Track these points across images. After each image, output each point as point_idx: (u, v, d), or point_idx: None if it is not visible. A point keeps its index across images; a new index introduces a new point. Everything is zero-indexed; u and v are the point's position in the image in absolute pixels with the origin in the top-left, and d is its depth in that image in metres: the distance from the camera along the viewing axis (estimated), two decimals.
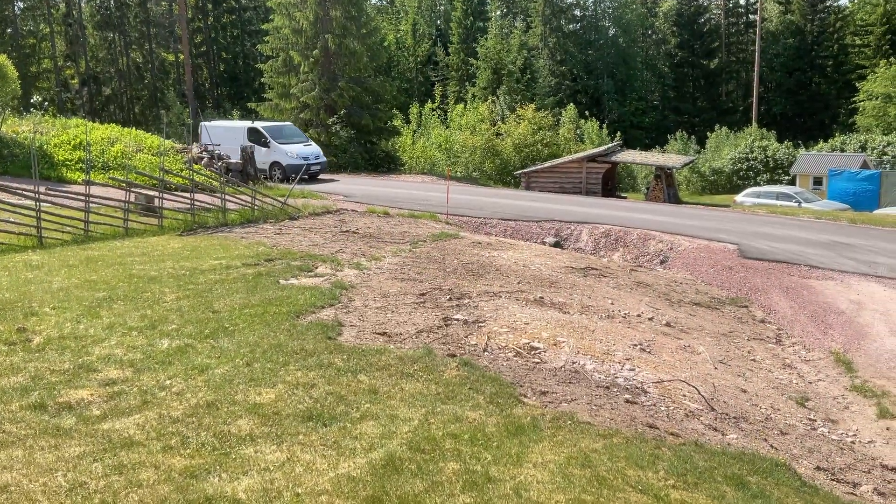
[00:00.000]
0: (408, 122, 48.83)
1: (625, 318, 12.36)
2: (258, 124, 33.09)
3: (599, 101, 68.77)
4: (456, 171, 40.28)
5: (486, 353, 8.74)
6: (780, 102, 68.55)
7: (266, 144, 31.53)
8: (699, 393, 8.40)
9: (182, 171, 24.43)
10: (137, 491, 4.86)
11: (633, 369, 9.14)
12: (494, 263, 15.16)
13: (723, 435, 7.20)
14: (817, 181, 39.67)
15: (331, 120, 37.99)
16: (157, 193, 18.54)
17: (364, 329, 9.14)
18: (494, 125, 42.61)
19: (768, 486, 5.75)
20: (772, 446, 7.39)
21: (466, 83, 60.66)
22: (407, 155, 42.91)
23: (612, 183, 38.27)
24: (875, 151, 43.06)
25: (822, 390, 10.69)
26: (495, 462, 5.41)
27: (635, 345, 10.51)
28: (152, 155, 29.98)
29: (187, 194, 18.79)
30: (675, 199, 35.96)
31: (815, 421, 9.26)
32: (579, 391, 7.62)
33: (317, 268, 12.92)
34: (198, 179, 20.67)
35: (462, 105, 49.44)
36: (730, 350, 11.75)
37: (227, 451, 5.46)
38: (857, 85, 55.62)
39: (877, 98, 51.87)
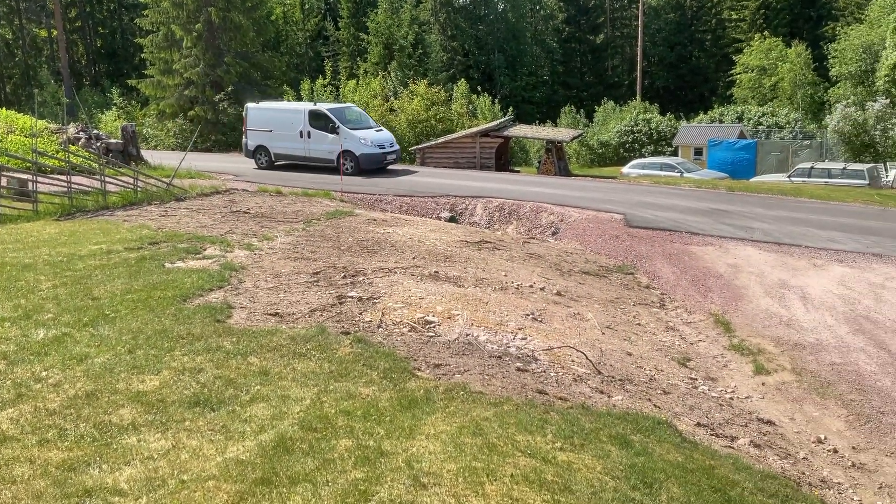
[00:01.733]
0: (300, 98, 47.86)
1: (518, 289, 12.60)
2: (322, 106, 28.02)
3: (491, 76, 69.39)
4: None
5: (380, 330, 8.73)
6: (662, 76, 71.04)
7: (334, 130, 26.65)
8: (587, 358, 8.68)
9: (58, 152, 23.13)
10: (11, 487, 4.62)
11: (525, 338, 9.34)
12: (390, 240, 15.13)
13: (609, 397, 7.47)
14: (698, 152, 41.41)
15: (218, 97, 36.80)
16: (30, 177, 17.50)
17: (255, 311, 8.95)
18: (387, 101, 42.31)
19: (650, 444, 6.00)
20: (655, 405, 7.72)
21: (358, 58, 59.92)
22: None
23: (506, 157, 38.76)
24: (751, 122, 45.26)
25: (703, 350, 11.23)
26: (388, 436, 5.43)
27: (527, 314, 10.74)
28: (25, 136, 28.26)
29: (64, 177, 17.82)
30: (565, 171, 36.77)
31: (696, 380, 9.72)
32: (472, 362, 7.73)
33: (205, 250, 12.54)
34: (75, 161, 19.63)
35: (354, 81, 48.77)
36: (617, 316, 12.17)
37: (107, 441, 5.26)
38: (734, 58, 58.19)
39: (752, 71, 54.46)
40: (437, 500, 4.47)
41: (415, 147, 37.09)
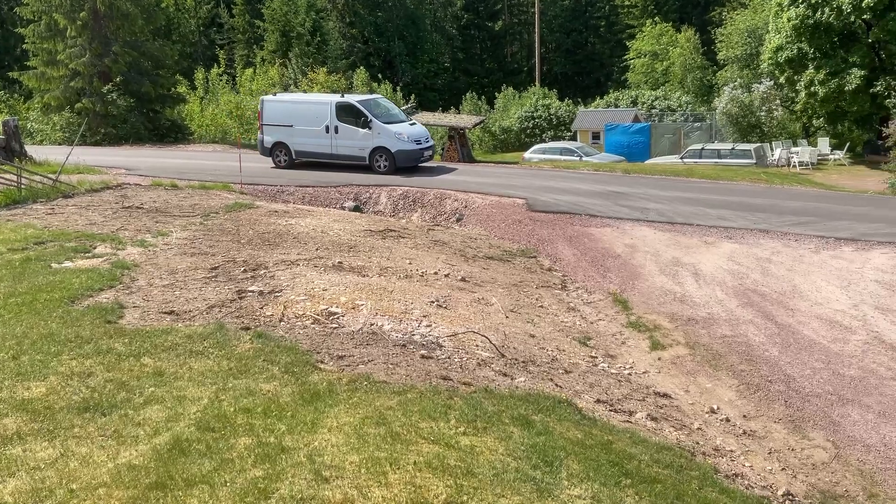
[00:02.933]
0: (194, 88, 46.40)
1: (422, 276, 12.62)
2: (352, 98, 25.28)
3: (392, 63, 69.08)
4: (249, 139, 38.93)
5: (282, 323, 8.58)
6: (560, 62, 72.42)
7: (366, 125, 23.95)
8: (490, 342, 8.78)
9: None
10: None
11: (430, 325, 9.37)
12: (292, 231, 14.88)
13: (512, 379, 7.58)
14: (595, 136, 42.48)
15: (106, 88, 35.19)
16: None
17: (149, 309, 8.64)
18: (287, 89, 41.52)
19: (551, 423, 6.13)
20: (557, 385, 7.88)
21: (254, 46, 58.54)
22: (196, 123, 40.83)
23: None
24: (645, 106, 46.71)
25: (603, 329, 11.54)
26: (290, 432, 5.34)
27: (432, 301, 10.77)
28: None
29: None
30: (468, 158, 37.00)
31: (597, 358, 9.99)
32: (377, 352, 7.70)
33: (95, 248, 12.01)
34: None
35: (251, 69, 47.65)
36: (520, 299, 12.36)
37: None
38: (628, 44, 59.86)
39: (645, 56, 56.17)
40: (339, 493, 4.43)
41: None
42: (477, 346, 8.75)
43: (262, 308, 9.05)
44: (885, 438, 7.57)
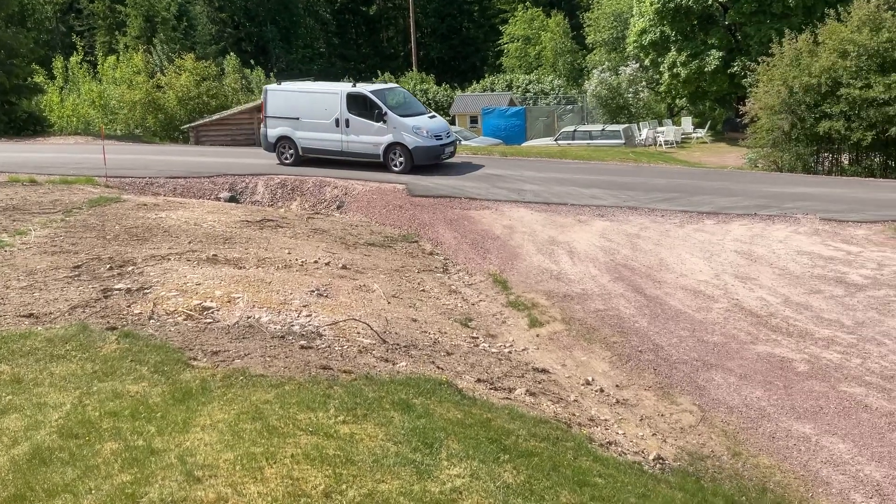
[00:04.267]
0: (52, 78, 43.67)
1: (302, 265, 12.42)
2: (364, 88, 22.56)
3: (265, 48, 67.39)
4: (114, 130, 37.09)
5: (152, 321, 8.24)
6: (436, 47, 72.69)
7: (380, 118, 21.33)
8: (372, 328, 8.75)
9: None
10: None
11: (310, 315, 9.24)
12: (163, 225, 14.30)
13: (393, 364, 7.59)
14: (473, 120, 42.98)
15: None
16: None
17: (4, 313, 8.10)
18: (153, 77, 39.75)
19: (432, 405, 6.18)
20: (438, 367, 7.95)
21: (117, 32, 55.65)
22: (56, 115, 38.47)
23: None
24: (519, 89, 47.61)
25: (484, 309, 11.73)
26: (160, 433, 5.14)
27: (312, 291, 10.63)
28: None
29: None
30: None
31: (478, 338, 10.14)
32: (253, 345, 7.52)
33: None
34: None
35: (114, 57, 45.26)
36: (402, 284, 12.38)
37: None
38: (501, 28, 60.77)
39: (518, 40, 57.21)
40: (212, 493, 4.30)
41: (187, 125, 35.30)
42: (358, 333, 8.70)
43: (129, 306, 8.66)
44: (746, 399, 8.06)
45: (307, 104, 22.50)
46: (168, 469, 4.59)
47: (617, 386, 8.71)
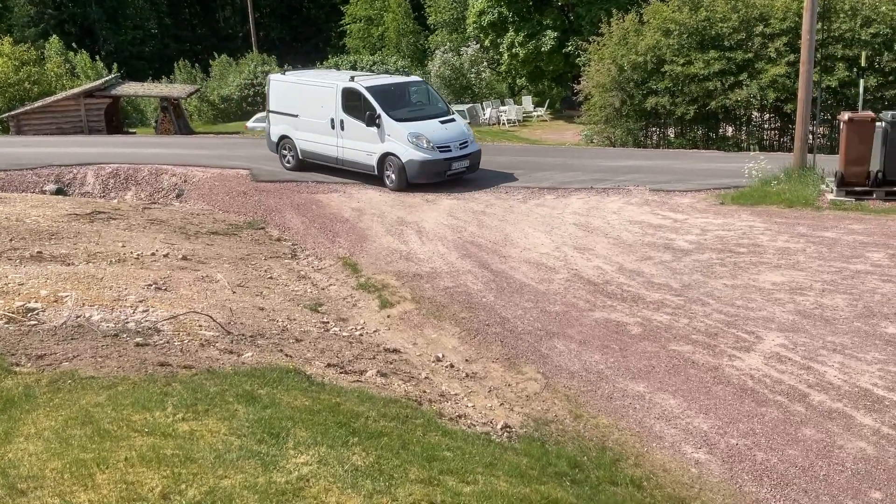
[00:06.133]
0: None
1: (138, 258, 11.82)
2: (362, 81, 18.33)
3: (91, 30, 63.15)
4: None
5: None
6: (277, 28, 70.80)
7: (373, 121, 17.42)
8: (214, 320, 8.46)
9: None
10: None
11: (147, 310, 8.81)
12: None
13: (238, 356, 7.37)
14: None
15: None
16: None
17: None
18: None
19: (278, 394, 6.06)
20: (287, 355, 7.81)
21: None
22: None
23: (118, 119, 35.96)
24: (364, 70, 47.29)
25: (334, 293, 11.62)
26: None
27: (150, 285, 10.13)
28: None
29: None
30: (186, 129, 35.23)
31: (328, 323, 10.05)
32: (83, 346, 7.08)
33: None
34: None
35: None
36: (248, 272, 12.05)
37: None
38: (343, 9, 59.97)
39: (360, 21, 56.69)
40: None
41: (6, 114, 32.64)
42: (200, 326, 8.38)
43: None
44: (585, 364, 8.45)
45: (305, 99, 19.16)
46: None
47: (466, 360, 8.89)
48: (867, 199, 14.64)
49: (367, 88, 17.76)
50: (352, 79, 18.47)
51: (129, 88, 35.30)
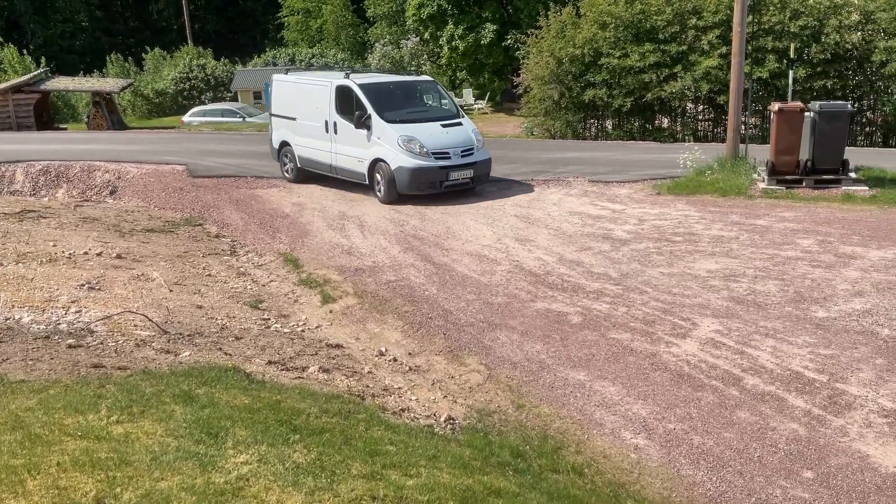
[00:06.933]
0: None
1: (70, 258, 11.48)
2: (355, 79, 16.48)
3: (18, 23, 61.01)
4: None
5: None
6: (212, 20, 69.49)
7: (363, 123, 15.75)
8: (150, 320, 8.28)
9: None
10: None
11: (80, 311, 8.57)
12: None
13: (175, 355, 7.23)
14: (257, 95, 41.68)
15: None
16: None
17: None
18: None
19: (217, 394, 5.96)
20: (226, 353, 7.69)
21: None
22: None
23: (48, 114, 34.88)
24: (303, 64, 46.74)
25: (275, 290, 11.48)
26: None
27: (83, 285, 9.86)
28: None
29: None
30: (120, 125, 34.37)
31: (269, 319, 9.92)
32: (12, 349, 6.84)
33: None
34: None
35: None
36: (185, 270, 11.81)
37: None
38: (280, 1, 59.17)
39: (298, 13, 56.02)
40: None
41: None
42: (136, 326, 8.19)
43: None
44: (527, 354, 8.53)
45: (302, 100, 17.40)
46: None
47: (409, 354, 8.88)
48: (797, 188, 15.11)
49: (360, 86, 16.07)
50: (347, 76, 16.75)
51: (60, 83, 34.24)
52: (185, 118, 35.93)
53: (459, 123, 16.36)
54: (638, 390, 7.60)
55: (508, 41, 35.01)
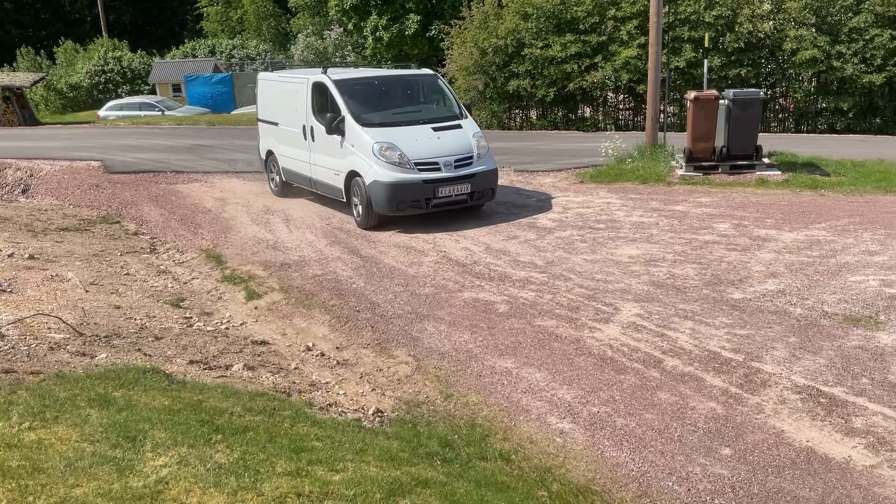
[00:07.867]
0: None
1: None
2: (331, 74, 13.98)
3: None
4: None
5: None
6: (127, 11, 67.29)
7: (338, 128, 13.27)
8: (65, 322, 7.99)
9: None
10: None
11: None
12: None
13: (91, 358, 7.00)
14: (177, 88, 40.67)
15: None
16: None
17: None
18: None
19: (135, 396, 5.80)
20: (145, 354, 7.49)
21: None
22: None
23: None
24: (223, 55, 45.78)
25: (197, 287, 11.24)
26: None
27: None
28: None
29: None
30: (32, 120, 33.05)
31: (192, 318, 9.70)
32: None
33: None
34: None
35: None
36: (102, 270, 11.45)
37: None
38: None
39: (218, 3, 54.78)
40: None
41: None
42: (49, 328, 7.89)
43: None
44: (455, 344, 8.57)
45: (284, 102, 15.15)
46: None
47: (337, 348, 8.82)
48: (714, 174, 15.58)
49: (336, 82, 13.61)
50: (324, 71, 14.24)
51: None
52: (101, 112, 34.79)
53: (458, 126, 13.63)
54: (563, 376, 7.72)
55: (432, 32, 35.00)
